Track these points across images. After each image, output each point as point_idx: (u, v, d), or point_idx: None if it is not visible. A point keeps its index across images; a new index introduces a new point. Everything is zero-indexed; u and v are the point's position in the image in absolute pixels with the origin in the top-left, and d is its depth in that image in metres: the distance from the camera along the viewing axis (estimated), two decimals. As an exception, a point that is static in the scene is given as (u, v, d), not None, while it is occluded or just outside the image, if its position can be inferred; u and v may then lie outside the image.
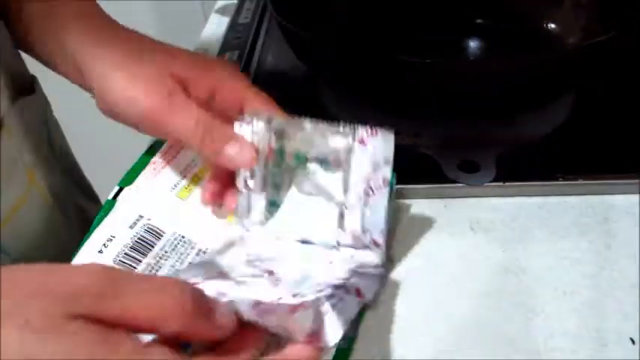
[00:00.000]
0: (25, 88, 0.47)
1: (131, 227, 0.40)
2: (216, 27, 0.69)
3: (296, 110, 0.39)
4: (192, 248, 0.40)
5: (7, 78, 0.43)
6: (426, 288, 0.39)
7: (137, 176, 0.44)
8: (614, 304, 0.37)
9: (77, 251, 0.39)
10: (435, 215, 0.44)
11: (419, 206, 0.44)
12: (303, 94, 0.55)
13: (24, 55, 0.47)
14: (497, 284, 0.39)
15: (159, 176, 0.44)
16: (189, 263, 0.39)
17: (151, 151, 0.46)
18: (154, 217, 0.41)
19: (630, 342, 0.35)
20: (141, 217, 0.41)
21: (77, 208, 0.52)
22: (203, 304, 0.26)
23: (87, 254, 0.39)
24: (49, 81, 0.49)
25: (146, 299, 0.25)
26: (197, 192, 0.43)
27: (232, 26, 0.67)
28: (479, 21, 0.62)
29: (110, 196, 0.42)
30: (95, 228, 0.40)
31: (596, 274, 0.39)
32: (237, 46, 0.62)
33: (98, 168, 0.65)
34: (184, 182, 0.44)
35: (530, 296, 0.38)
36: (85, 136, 0.71)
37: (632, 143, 0.47)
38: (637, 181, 0.44)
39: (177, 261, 0.39)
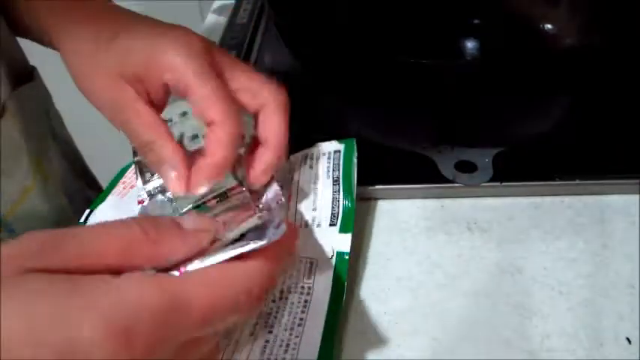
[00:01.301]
0: (25, 77, 0.48)
1: None
2: (213, 27, 0.69)
3: (294, 111, 0.39)
4: None
5: (6, 66, 0.44)
6: (422, 288, 0.39)
7: (107, 196, 0.43)
8: (610, 303, 0.37)
9: None
10: (432, 215, 0.44)
11: (416, 206, 0.44)
12: (300, 95, 0.55)
13: (23, 46, 0.48)
14: (494, 284, 0.39)
15: (128, 195, 0.42)
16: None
17: (122, 171, 0.45)
18: None
19: (627, 341, 0.35)
20: None
21: (82, 196, 0.53)
22: (163, 223, 0.25)
23: None
24: (51, 76, 0.49)
25: (101, 237, 0.23)
26: None
27: (229, 27, 0.67)
28: (476, 21, 0.62)
29: (82, 219, 0.41)
30: None
31: (592, 274, 0.39)
32: (235, 47, 0.62)
33: (100, 162, 0.65)
34: None
35: (527, 296, 0.38)
36: (85, 128, 0.71)
37: (628, 144, 0.47)
38: (633, 181, 0.44)
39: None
